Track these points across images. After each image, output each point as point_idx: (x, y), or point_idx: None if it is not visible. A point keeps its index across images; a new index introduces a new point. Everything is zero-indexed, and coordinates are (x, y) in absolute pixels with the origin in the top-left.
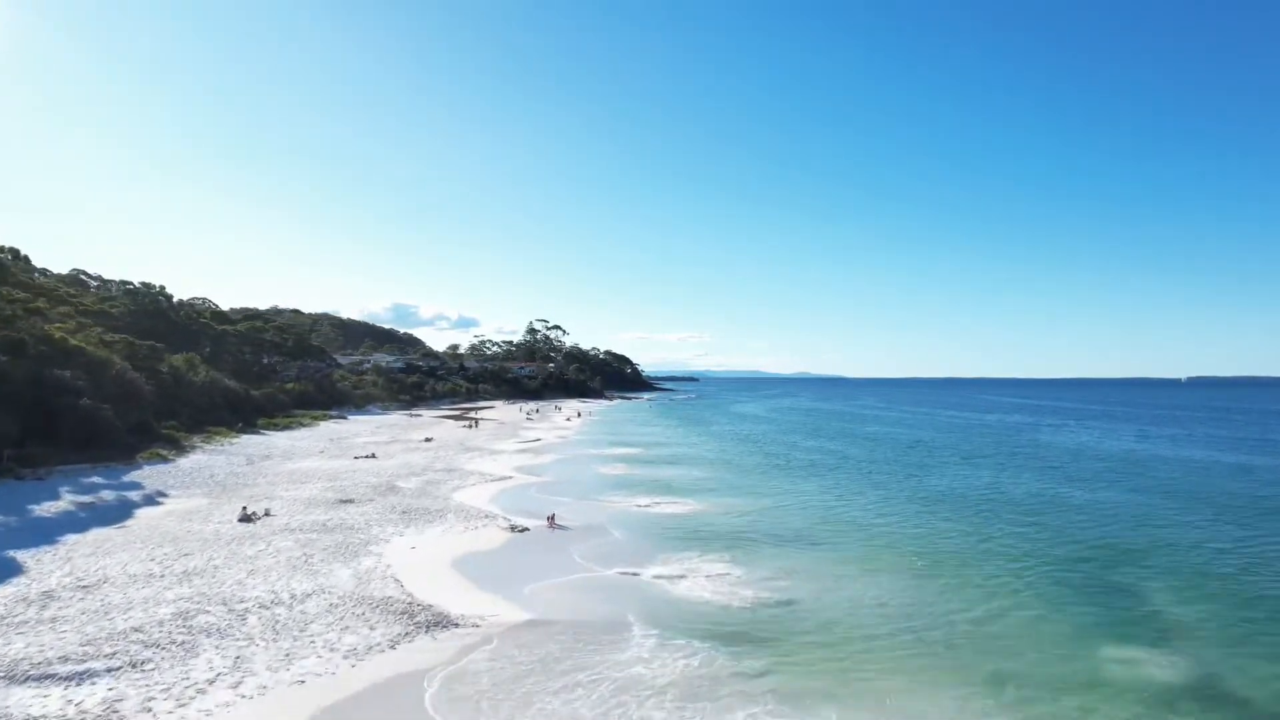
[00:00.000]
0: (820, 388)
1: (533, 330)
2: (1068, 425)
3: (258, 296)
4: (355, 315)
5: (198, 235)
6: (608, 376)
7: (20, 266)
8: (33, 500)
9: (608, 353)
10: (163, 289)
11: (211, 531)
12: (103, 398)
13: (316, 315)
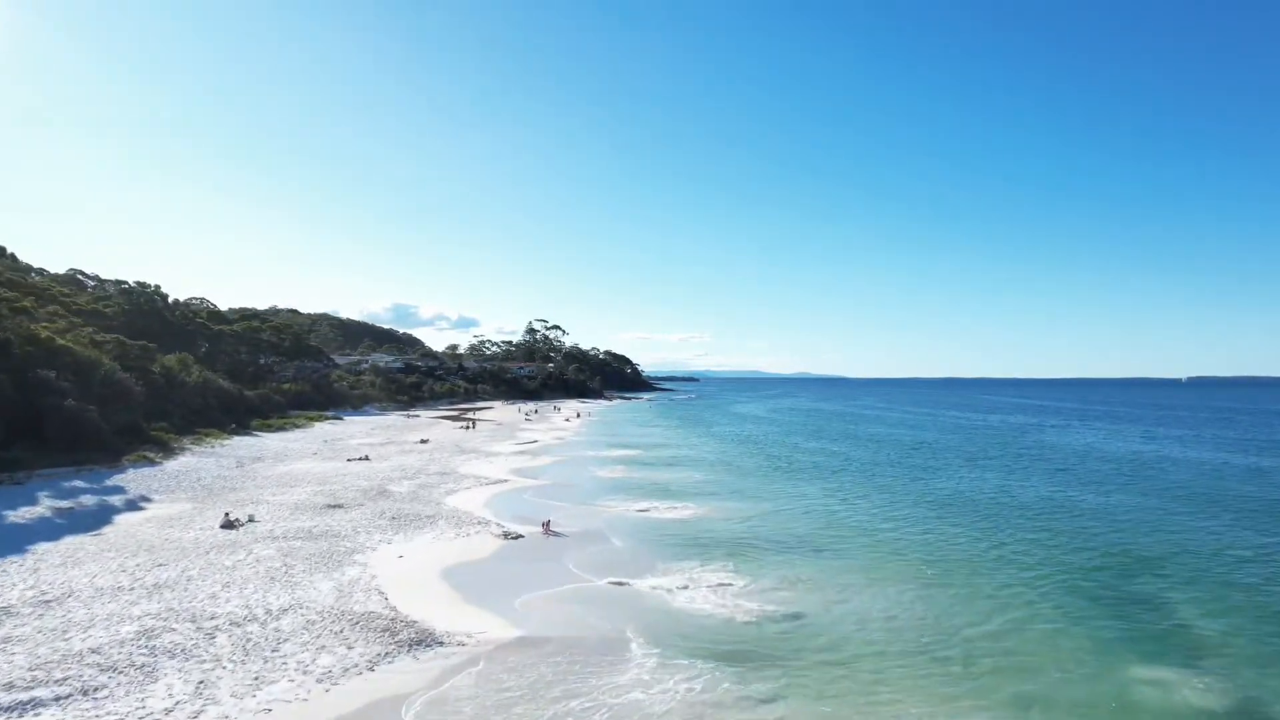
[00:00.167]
0: (820, 388)
1: (532, 330)
2: (1072, 426)
3: (258, 297)
4: (355, 315)
5: (198, 235)
6: (607, 376)
7: (7, 264)
8: (8, 506)
9: (607, 353)
10: (158, 288)
11: (191, 539)
12: (90, 399)
13: (315, 315)
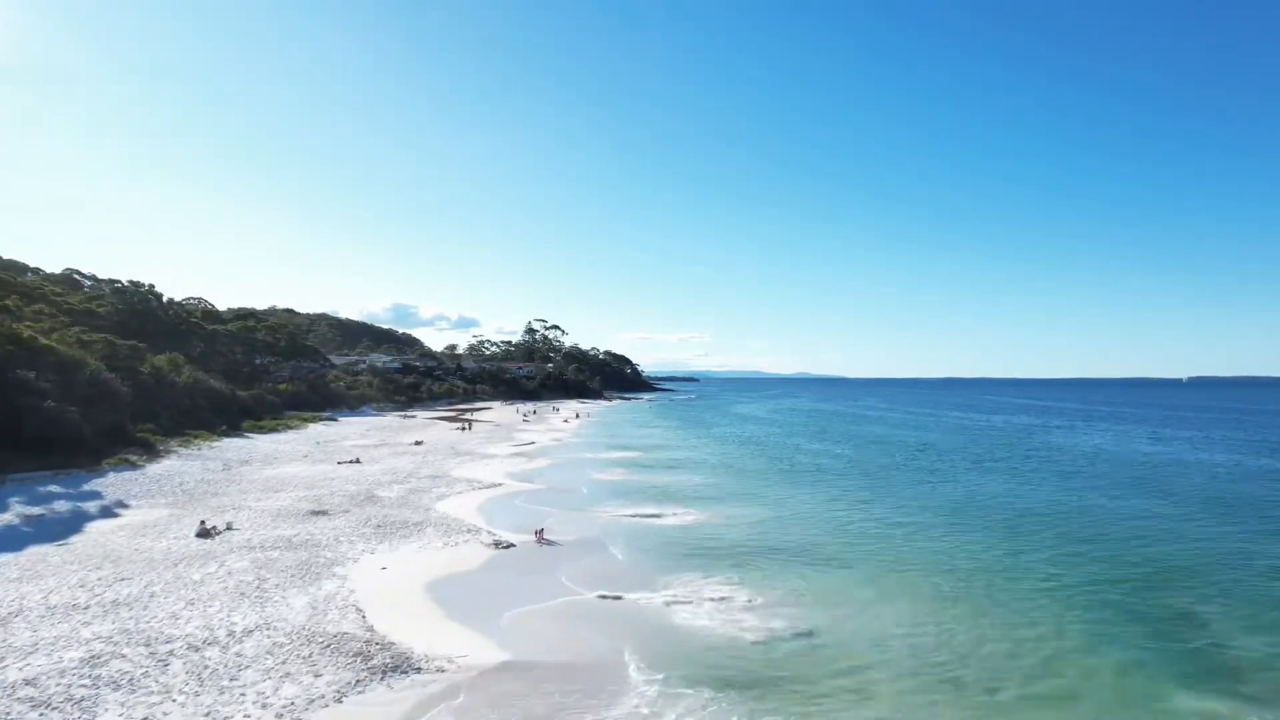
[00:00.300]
0: (821, 388)
1: (531, 330)
2: (1077, 427)
3: (258, 297)
4: (355, 316)
5: (198, 235)
6: (607, 377)
7: None
8: None
9: (607, 353)
10: (151, 288)
11: (163, 549)
12: (74, 399)
13: (314, 315)
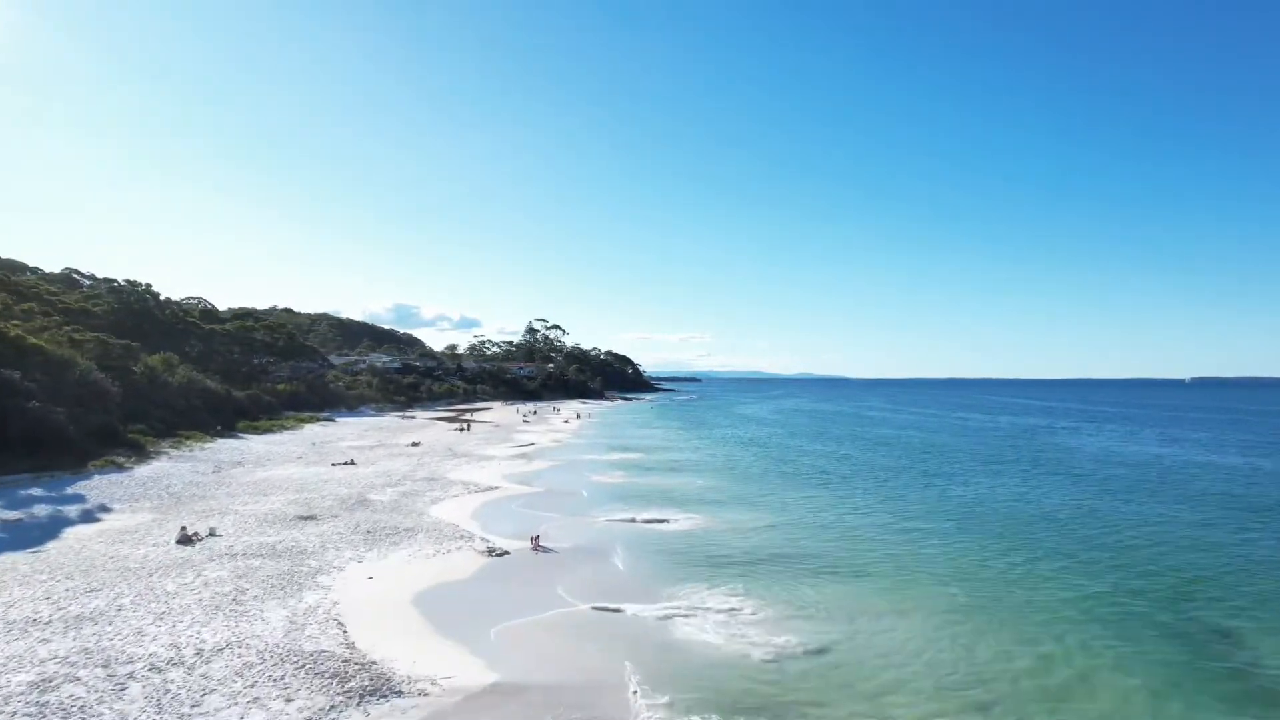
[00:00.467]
0: (822, 388)
1: (532, 330)
2: (1083, 428)
3: (258, 297)
4: (358, 316)
5: (198, 235)
6: (608, 377)
7: None
8: None
9: (609, 353)
10: (148, 287)
11: (140, 557)
12: (62, 400)
13: (315, 315)
